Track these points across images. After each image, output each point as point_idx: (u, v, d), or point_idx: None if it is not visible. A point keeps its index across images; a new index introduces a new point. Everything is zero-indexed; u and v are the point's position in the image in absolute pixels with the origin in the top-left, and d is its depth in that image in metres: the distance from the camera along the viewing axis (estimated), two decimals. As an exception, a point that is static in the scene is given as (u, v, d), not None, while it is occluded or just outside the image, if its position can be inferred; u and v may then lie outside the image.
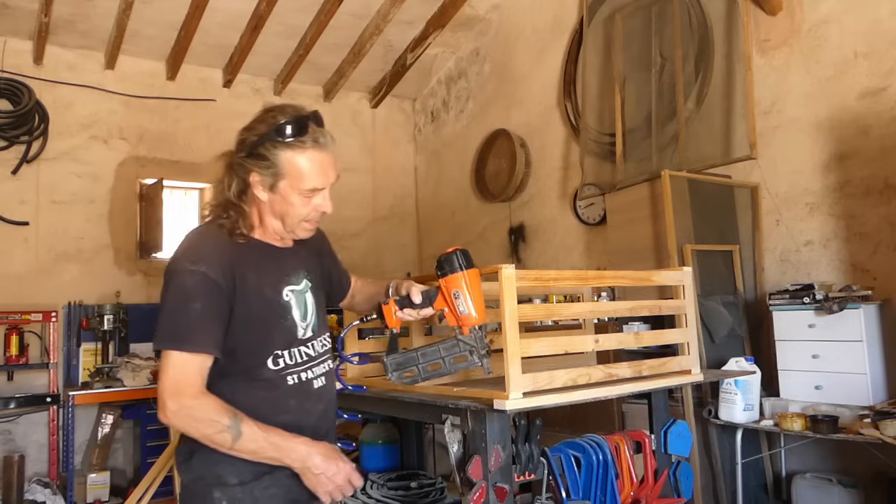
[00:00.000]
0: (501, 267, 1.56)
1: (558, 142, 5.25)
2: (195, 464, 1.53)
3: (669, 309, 2.06)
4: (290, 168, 1.51)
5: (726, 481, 3.42)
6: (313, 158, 1.52)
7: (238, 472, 1.50)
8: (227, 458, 1.47)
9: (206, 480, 1.52)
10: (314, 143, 1.52)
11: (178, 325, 1.45)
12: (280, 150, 1.50)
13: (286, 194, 1.53)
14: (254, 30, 5.24)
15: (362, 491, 2.73)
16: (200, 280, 1.46)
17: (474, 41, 6.16)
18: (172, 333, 1.45)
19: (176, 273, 1.48)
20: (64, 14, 4.87)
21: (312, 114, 1.55)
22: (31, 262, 5.06)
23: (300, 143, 1.50)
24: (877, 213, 3.38)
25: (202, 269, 1.47)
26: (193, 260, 1.48)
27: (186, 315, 1.45)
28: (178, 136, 5.72)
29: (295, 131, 1.50)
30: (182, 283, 1.47)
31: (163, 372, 1.44)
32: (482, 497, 1.60)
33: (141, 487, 3.76)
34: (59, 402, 4.77)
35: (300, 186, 1.53)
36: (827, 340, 3.15)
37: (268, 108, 1.56)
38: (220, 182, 1.59)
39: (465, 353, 1.60)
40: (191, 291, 1.46)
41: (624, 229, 3.99)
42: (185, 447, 1.56)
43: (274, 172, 1.51)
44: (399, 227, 6.81)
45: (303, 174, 1.52)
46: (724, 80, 3.97)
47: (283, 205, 1.55)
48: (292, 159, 1.51)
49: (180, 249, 1.53)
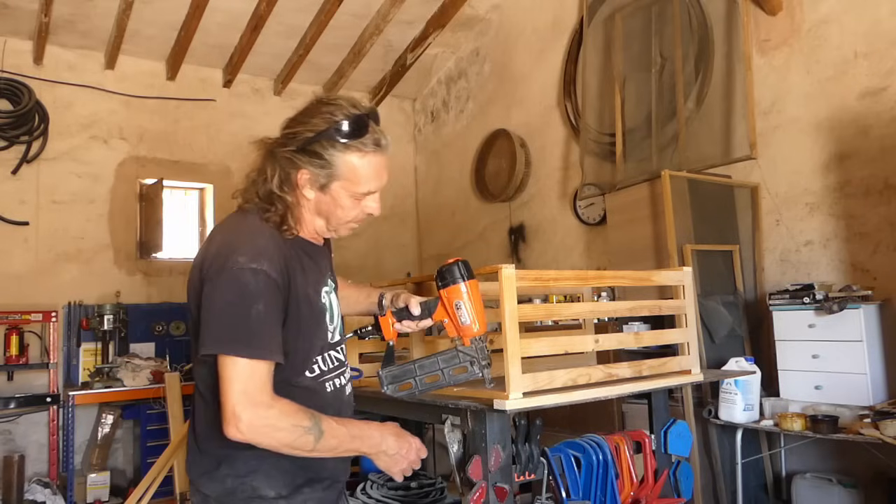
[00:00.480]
0: (501, 267, 1.56)
1: (558, 142, 5.25)
2: (224, 474, 1.41)
3: (669, 309, 2.06)
4: (347, 170, 1.41)
5: (726, 481, 3.42)
6: (372, 162, 1.43)
7: (274, 484, 1.41)
8: (263, 468, 1.40)
9: (243, 494, 1.40)
10: (375, 145, 1.42)
11: (241, 329, 1.31)
12: (338, 151, 1.40)
13: (337, 195, 1.44)
14: (254, 30, 5.24)
15: (362, 491, 2.73)
16: (263, 279, 1.33)
17: (474, 41, 6.16)
18: (235, 337, 1.30)
19: (233, 271, 1.32)
20: (64, 14, 4.87)
21: (371, 111, 1.44)
22: (31, 262, 5.06)
23: (361, 145, 1.41)
24: (877, 213, 3.38)
25: (264, 267, 1.34)
26: (253, 256, 1.34)
27: (249, 318, 1.31)
28: (178, 136, 5.72)
29: (355, 132, 1.40)
30: (242, 282, 1.32)
31: (228, 381, 1.29)
32: (482, 497, 1.60)
33: (141, 487, 3.76)
34: (59, 402, 4.77)
35: (354, 189, 1.44)
36: (827, 340, 3.15)
37: (322, 101, 1.45)
38: (260, 171, 1.47)
39: (465, 365, 1.56)
40: (253, 291, 1.32)
41: (624, 229, 3.99)
42: (206, 458, 1.44)
43: (329, 173, 1.41)
44: (399, 227, 6.81)
45: (359, 177, 1.42)
46: (724, 80, 3.97)
47: (331, 205, 1.46)
48: (350, 161, 1.41)
49: (233, 244, 1.38)
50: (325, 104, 1.43)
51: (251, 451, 1.38)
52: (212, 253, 1.40)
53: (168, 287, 5.53)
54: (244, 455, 1.41)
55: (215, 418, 1.37)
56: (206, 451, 1.45)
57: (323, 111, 1.42)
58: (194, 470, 1.47)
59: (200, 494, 1.45)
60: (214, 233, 1.50)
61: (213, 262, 1.37)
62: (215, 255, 1.38)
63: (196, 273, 1.43)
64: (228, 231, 1.45)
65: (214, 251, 1.39)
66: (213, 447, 1.43)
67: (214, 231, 1.51)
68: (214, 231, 1.51)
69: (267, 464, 1.41)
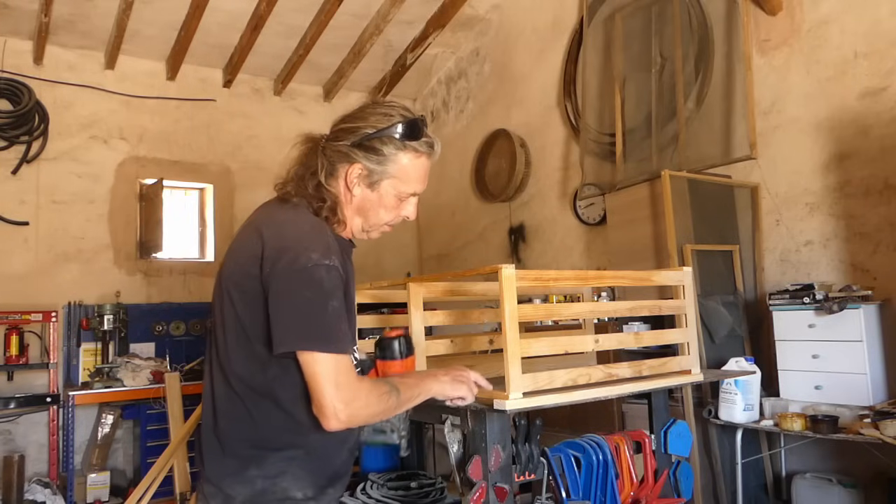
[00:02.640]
0: (501, 267, 1.56)
1: (558, 142, 5.25)
2: (253, 475, 1.40)
3: (669, 309, 2.06)
4: (400, 169, 1.49)
5: (726, 481, 3.42)
6: (423, 164, 1.52)
7: (302, 486, 1.42)
8: (291, 469, 1.41)
9: (273, 496, 1.40)
10: (429, 148, 1.51)
11: (323, 326, 1.33)
12: (397, 149, 1.47)
13: (384, 193, 1.50)
14: (254, 30, 5.24)
15: (362, 491, 2.72)
16: (336, 275, 1.37)
17: (474, 41, 6.16)
18: (319, 335, 1.32)
19: (308, 268, 1.33)
20: (64, 14, 4.87)
21: (422, 117, 1.53)
22: (31, 262, 5.06)
23: (418, 145, 1.49)
24: (877, 213, 3.38)
25: (335, 263, 1.37)
26: (324, 252, 1.36)
27: (327, 314, 1.33)
28: (178, 136, 5.72)
29: (413, 133, 1.48)
30: (318, 278, 1.33)
31: (320, 377, 1.31)
32: (482, 497, 1.60)
33: (141, 487, 3.76)
34: (59, 402, 4.76)
35: (401, 188, 1.51)
36: (827, 340, 3.15)
37: (378, 102, 1.53)
38: (307, 165, 1.50)
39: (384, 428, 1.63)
40: (328, 288, 1.34)
41: (624, 229, 3.99)
42: (231, 459, 1.42)
43: (383, 170, 1.48)
44: (399, 227, 6.64)
45: (410, 177, 1.50)
46: (724, 80, 3.97)
47: (375, 204, 1.52)
48: (405, 160, 1.49)
49: (302, 240, 1.38)
50: (382, 105, 1.51)
51: (281, 453, 1.40)
52: (276, 247, 1.37)
53: (168, 287, 5.53)
54: (274, 456, 1.40)
55: (249, 416, 1.40)
56: (232, 451, 1.42)
57: (380, 111, 1.49)
58: (216, 470, 1.44)
59: (223, 495, 1.41)
60: (267, 225, 1.44)
61: (282, 257, 1.35)
62: (282, 249, 1.36)
63: (251, 266, 1.38)
64: (290, 225, 1.43)
65: (278, 245, 1.37)
66: (242, 447, 1.41)
67: (265, 223, 1.45)
68: (265, 223, 1.45)
69: (295, 465, 1.41)
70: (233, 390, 1.43)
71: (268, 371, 1.39)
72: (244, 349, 1.40)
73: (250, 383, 1.40)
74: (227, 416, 1.44)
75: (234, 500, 1.40)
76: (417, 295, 1.84)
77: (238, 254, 1.45)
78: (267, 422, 1.40)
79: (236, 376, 1.42)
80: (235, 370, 1.42)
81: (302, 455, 1.41)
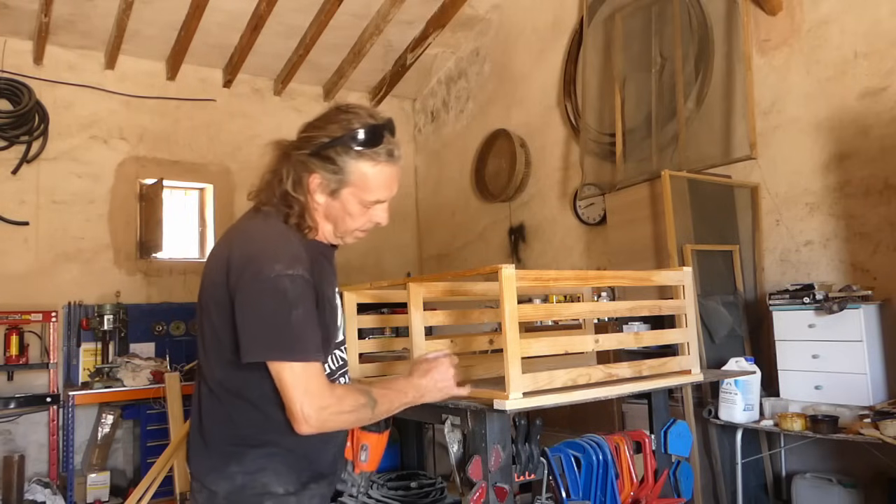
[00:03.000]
0: (501, 267, 1.56)
1: (558, 142, 5.25)
2: (233, 471, 1.43)
3: (669, 309, 2.06)
4: (358, 178, 1.45)
5: (726, 481, 3.42)
6: (383, 171, 1.46)
7: (283, 481, 1.44)
8: (271, 465, 1.43)
9: (253, 490, 1.43)
10: (388, 156, 1.46)
11: (287, 335, 1.34)
12: (351, 158, 1.43)
13: (346, 202, 1.47)
14: (254, 30, 5.24)
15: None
16: (301, 283, 1.37)
17: (474, 41, 6.16)
18: (283, 344, 1.34)
19: (272, 279, 1.35)
20: (64, 14, 4.87)
21: (388, 122, 1.48)
22: (31, 262, 5.06)
23: (375, 154, 1.44)
24: (877, 213, 3.38)
25: (299, 271, 1.37)
26: (287, 262, 1.37)
27: (290, 324, 1.34)
28: (178, 136, 5.72)
29: (370, 140, 1.43)
30: (281, 288, 1.34)
31: (289, 386, 1.33)
32: (482, 497, 1.60)
33: (141, 487, 3.76)
34: (59, 402, 4.76)
35: (363, 197, 1.47)
36: (827, 340, 3.15)
37: (341, 108, 1.48)
38: (275, 172, 1.49)
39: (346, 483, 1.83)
40: (292, 297, 1.35)
41: (624, 229, 3.99)
42: (214, 456, 1.46)
43: (340, 179, 1.44)
44: (399, 227, 6.80)
45: (369, 186, 1.46)
46: (724, 80, 3.97)
47: (339, 212, 1.49)
48: (362, 169, 1.44)
49: (266, 250, 1.39)
50: (344, 112, 1.47)
51: (261, 450, 1.44)
52: (242, 258, 1.40)
53: (168, 287, 5.53)
54: (254, 453, 1.44)
55: (227, 416, 1.45)
56: (215, 448, 1.46)
57: (340, 118, 1.45)
58: (200, 467, 1.49)
59: (207, 491, 1.46)
60: (237, 235, 1.48)
61: (247, 268, 1.37)
62: (247, 260, 1.38)
63: (220, 276, 1.42)
64: (257, 236, 1.45)
65: (244, 256, 1.40)
66: (223, 445, 1.45)
67: (236, 233, 1.50)
68: (236, 233, 1.50)
69: (276, 461, 1.44)
70: (213, 392, 1.48)
71: (240, 375, 1.42)
72: (219, 354, 1.45)
73: (226, 386, 1.45)
74: (209, 415, 1.50)
75: (216, 495, 1.44)
76: (417, 295, 1.84)
77: (211, 264, 1.48)
78: (245, 421, 1.44)
79: (215, 380, 1.48)
80: (214, 373, 1.48)
81: (283, 452, 1.44)
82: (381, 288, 2.13)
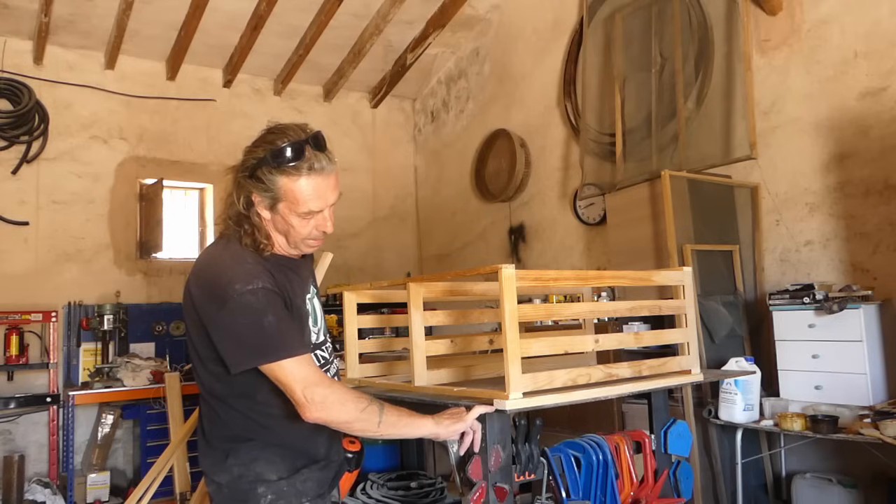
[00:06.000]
0: (501, 267, 1.56)
1: (558, 142, 5.25)
2: (230, 464, 1.58)
3: (669, 309, 2.06)
4: (286, 193, 1.54)
5: (726, 481, 3.42)
6: (308, 184, 1.53)
7: (276, 469, 1.57)
8: (264, 456, 1.57)
9: (248, 478, 1.56)
10: (309, 169, 1.53)
11: (267, 339, 1.46)
12: (276, 176, 1.52)
13: (285, 215, 1.57)
14: (254, 30, 5.24)
15: (362, 491, 2.73)
16: (263, 294, 1.48)
17: (474, 41, 6.16)
18: (267, 348, 1.46)
19: (235, 299, 1.46)
20: (64, 14, 4.87)
21: (312, 137, 1.54)
22: (31, 262, 5.06)
23: (295, 169, 1.52)
24: (877, 213, 3.38)
25: (259, 285, 1.49)
26: (244, 280, 1.48)
27: (264, 328, 1.46)
28: (178, 136, 5.72)
29: (291, 157, 1.51)
30: (246, 303, 1.46)
31: (287, 380, 1.45)
32: (482, 497, 1.61)
33: (141, 487, 3.75)
34: (59, 402, 4.77)
35: (296, 209, 1.55)
36: (827, 340, 3.15)
37: (271, 129, 1.57)
38: (230, 195, 1.61)
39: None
40: (259, 307, 1.47)
41: (624, 229, 3.99)
42: (215, 452, 1.61)
43: (272, 196, 1.54)
44: (399, 227, 6.81)
45: (298, 199, 1.54)
46: (724, 80, 3.97)
47: (283, 224, 1.59)
48: (287, 185, 1.53)
49: (224, 275, 1.50)
50: (270, 132, 1.56)
51: (252, 443, 1.58)
52: (205, 285, 1.53)
53: (168, 287, 5.53)
54: (247, 446, 1.58)
55: (218, 417, 1.61)
56: (215, 446, 1.62)
57: (267, 139, 1.55)
58: (206, 463, 1.64)
59: (214, 483, 1.62)
60: (196, 268, 1.61)
61: (212, 296, 1.49)
62: (211, 286, 1.51)
63: (188, 306, 1.57)
64: (212, 262, 1.58)
65: (207, 284, 1.53)
66: (220, 443, 1.60)
67: (196, 265, 1.62)
68: (196, 265, 1.62)
69: (268, 452, 1.58)
70: (204, 396, 1.65)
71: (221, 381, 1.57)
72: (205, 367, 1.59)
73: (214, 393, 1.60)
74: (206, 418, 1.66)
75: (220, 486, 1.60)
76: (417, 295, 1.84)
77: (184, 291, 1.61)
78: (233, 420, 1.59)
79: (203, 386, 1.64)
80: (202, 381, 1.63)
81: (274, 443, 1.59)
82: (381, 288, 2.13)
